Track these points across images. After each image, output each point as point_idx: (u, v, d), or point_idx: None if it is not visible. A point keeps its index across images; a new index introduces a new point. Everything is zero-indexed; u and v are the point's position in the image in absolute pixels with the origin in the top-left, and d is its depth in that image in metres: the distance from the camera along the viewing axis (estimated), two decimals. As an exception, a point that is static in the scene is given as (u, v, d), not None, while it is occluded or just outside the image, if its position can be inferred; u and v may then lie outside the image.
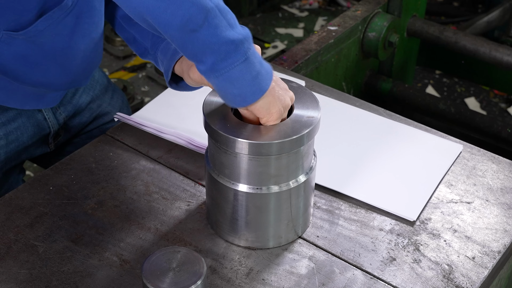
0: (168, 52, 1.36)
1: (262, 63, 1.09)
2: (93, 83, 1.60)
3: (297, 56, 1.98)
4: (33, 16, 1.25)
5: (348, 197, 1.32)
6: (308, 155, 1.16)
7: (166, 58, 1.37)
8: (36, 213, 1.27)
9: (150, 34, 1.39)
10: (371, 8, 2.29)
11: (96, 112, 1.61)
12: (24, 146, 1.48)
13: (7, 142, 1.43)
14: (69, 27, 1.31)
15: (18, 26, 1.25)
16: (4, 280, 1.14)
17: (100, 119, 1.63)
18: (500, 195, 1.34)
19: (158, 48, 1.39)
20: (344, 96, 1.61)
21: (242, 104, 1.09)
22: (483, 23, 3.11)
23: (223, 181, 1.16)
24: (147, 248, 1.21)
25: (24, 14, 1.24)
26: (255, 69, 1.06)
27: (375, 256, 1.21)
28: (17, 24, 1.24)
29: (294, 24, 3.74)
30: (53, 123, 1.51)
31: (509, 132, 2.34)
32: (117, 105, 1.67)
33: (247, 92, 1.07)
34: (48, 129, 1.50)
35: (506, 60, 2.33)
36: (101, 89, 1.62)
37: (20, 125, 1.44)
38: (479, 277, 1.18)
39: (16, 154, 1.47)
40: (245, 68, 1.05)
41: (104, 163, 1.39)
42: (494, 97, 3.29)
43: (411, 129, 1.50)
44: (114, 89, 1.68)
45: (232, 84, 1.06)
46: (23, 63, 1.31)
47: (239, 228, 1.20)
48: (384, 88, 2.46)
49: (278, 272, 1.18)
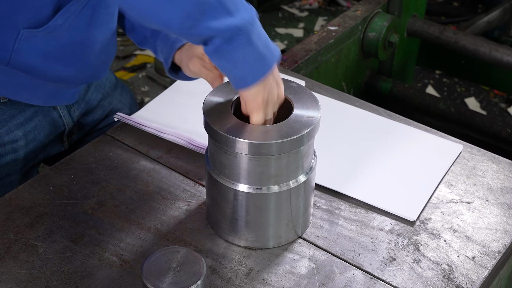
0: (169, 40, 1.37)
1: (268, 45, 1.08)
2: (103, 80, 1.61)
3: (297, 56, 1.98)
4: (50, 11, 1.25)
5: (348, 197, 1.32)
6: (308, 155, 1.16)
7: (166, 46, 1.38)
8: (36, 213, 1.27)
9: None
10: (371, 8, 2.29)
11: (107, 109, 1.62)
12: (42, 146, 1.48)
13: (26, 142, 1.43)
14: (86, 19, 1.31)
15: (37, 22, 1.25)
16: (4, 280, 1.14)
17: (111, 116, 1.63)
18: (500, 195, 1.34)
19: (158, 37, 1.40)
20: (344, 96, 1.61)
21: (243, 85, 1.09)
22: (483, 23, 3.11)
23: (223, 181, 1.16)
24: (147, 248, 1.21)
25: (42, 11, 1.25)
26: (259, 52, 1.06)
27: (375, 256, 1.21)
28: (36, 21, 1.25)
29: (294, 24, 3.74)
30: (68, 121, 1.51)
31: (509, 132, 2.34)
32: (127, 102, 1.67)
33: (248, 74, 1.08)
34: (63, 126, 1.51)
35: (506, 60, 2.33)
36: (111, 86, 1.63)
37: (37, 124, 1.44)
38: (479, 277, 1.18)
39: (34, 154, 1.48)
40: (248, 51, 1.05)
41: (104, 163, 1.39)
42: (494, 97, 3.29)
43: (411, 129, 1.50)
44: (122, 86, 1.68)
45: (234, 66, 1.06)
46: (43, 59, 1.31)
47: (239, 228, 1.20)
48: (384, 88, 2.46)
49: (278, 272, 1.18)
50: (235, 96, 1.17)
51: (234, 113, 1.15)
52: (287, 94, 1.17)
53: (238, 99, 1.17)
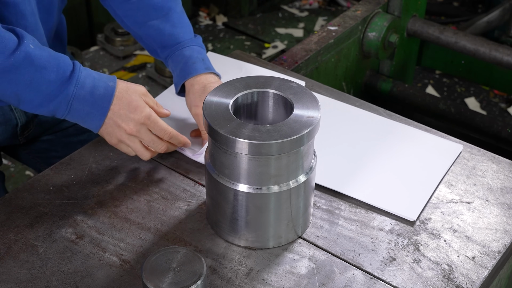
0: (178, 66, 1.44)
1: (93, 92, 1.24)
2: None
3: (297, 56, 1.98)
4: None
5: (348, 197, 1.32)
6: (308, 155, 1.16)
7: (175, 71, 1.42)
8: (36, 213, 1.27)
9: (157, 37, 1.44)
10: (371, 8, 2.29)
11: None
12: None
13: None
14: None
15: None
16: (4, 280, 1.14)
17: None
18: (500, 195, 1.34)
19: (170, 57, 1.44)
20: (344, 96, 1.61)
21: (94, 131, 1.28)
22: (483, 23, 3.12)
23: (223, 181, 1.16)
24: (147, 248, 1.21)
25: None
26: (84, 112, 1.25)
27: (375, 256, 1.21)
28: None
29: (294, 24, 3.74)
30: (19, 115, 1.49)
31: (509, 132, 2.34)
32: None
33: (89, 127, 1.28)
34: (14, 120, 1.49)
35: (506, 60, 2.33)
36: None
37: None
38: (479, 277, 1.18)
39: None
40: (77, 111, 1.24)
41: (104, 163, 1.39)
42: (494, 97, 3.29)
43: (411, 129, 1.50)
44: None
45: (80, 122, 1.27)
46: None
47: (239, 228, 1.20)
48: (384, 88, 2.46)
49: (278, 272, 1.18)
50: (235, 96, 1.17)
51: (234, 113, 1.15)
52: (287, 94, 1.17)
53: (238, 99, 1.17)
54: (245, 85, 1.20)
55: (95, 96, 1.24)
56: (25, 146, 1.62)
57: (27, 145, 1.61)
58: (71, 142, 1.62)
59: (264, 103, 1.21)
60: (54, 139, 1.62)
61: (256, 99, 1.20)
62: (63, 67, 1.22)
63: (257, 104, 1.21)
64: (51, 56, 1.22)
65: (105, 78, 1.27)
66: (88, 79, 1.23)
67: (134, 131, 1.27)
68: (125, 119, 1.26)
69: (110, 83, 1.26)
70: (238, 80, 1.21)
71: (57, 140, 1.62)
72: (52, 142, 1.62)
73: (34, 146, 1.62)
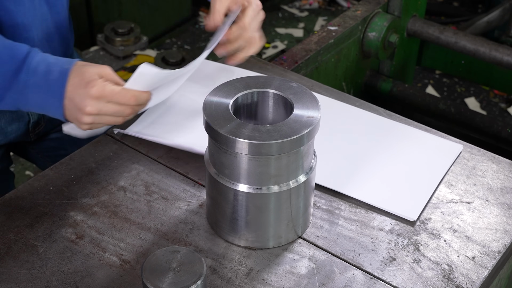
0: None
1: (47, 77, 1.17)
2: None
3: (297, 56, 1.98)
4: None
5: (348, 197, 1.32)
6: (308, 155, 1.16)
7: None
8: (36, 213, 1.27)
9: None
10: (371, 8, 2.29)
11: None
12: (3, 132, 1.47)
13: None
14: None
15: None
16: (4, 280, 1.14)
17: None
18: (500, 195, 1.34)
19: None
20: (344, 96, 1.61)
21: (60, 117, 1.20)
22: (483, 23, 3.12)
23: (223, 181, 1.16)
24: (147, 248, 1.21)
25: None
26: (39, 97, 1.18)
27: (375, 256, 1.21)
28: None
29: (294, 24, 3.74)
30: (32, 111, 1.49)
31: (509, 132, 2.34)
32: None
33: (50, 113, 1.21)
34: (27, 116, 1.50)
35: (506, 60, 2.33)
36: None
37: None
38: (479, 277, 1.18)
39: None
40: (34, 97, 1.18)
41: (104, 163, 1.39)
42: (494, 97, 3.29)
43: (411, 129, 1.50)
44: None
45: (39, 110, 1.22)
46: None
47: (239, 228, 1.20)
48: (384, 88, 2.46)
49: (278, 272, 1.18)
50: (235, 96, 1.17)
51: (234, 113, 1.15)
52: (287, 94, 1.17)
53: (238, 99, 1.17)
54: (245, 85, 1.20)
55: (49, 81, 1.16)
56: (34, 145, 1.62)
57: (36, 143, 1.61)
58: (80, 140, 1.62)
59: (264, 103, 1.21)
60: (62, 137, 1.62)
61: (256, 99, 1.20)
62: (17, 55, 1.16)
63: (257, 104, 1.21)
64: (5, 46, 1.17)
65: (62, 62, 1.18)
66: (42, 65, 1.16)
67: (95, 110, 1.16)
68: (82, 98, 1.15)
69: (66, 66, 1.17)
70: (238, 80, 1.21)
71: (65, 138, 1.62)
72: (60, 141, 1.62)
73: (43, 144, 1.62)
